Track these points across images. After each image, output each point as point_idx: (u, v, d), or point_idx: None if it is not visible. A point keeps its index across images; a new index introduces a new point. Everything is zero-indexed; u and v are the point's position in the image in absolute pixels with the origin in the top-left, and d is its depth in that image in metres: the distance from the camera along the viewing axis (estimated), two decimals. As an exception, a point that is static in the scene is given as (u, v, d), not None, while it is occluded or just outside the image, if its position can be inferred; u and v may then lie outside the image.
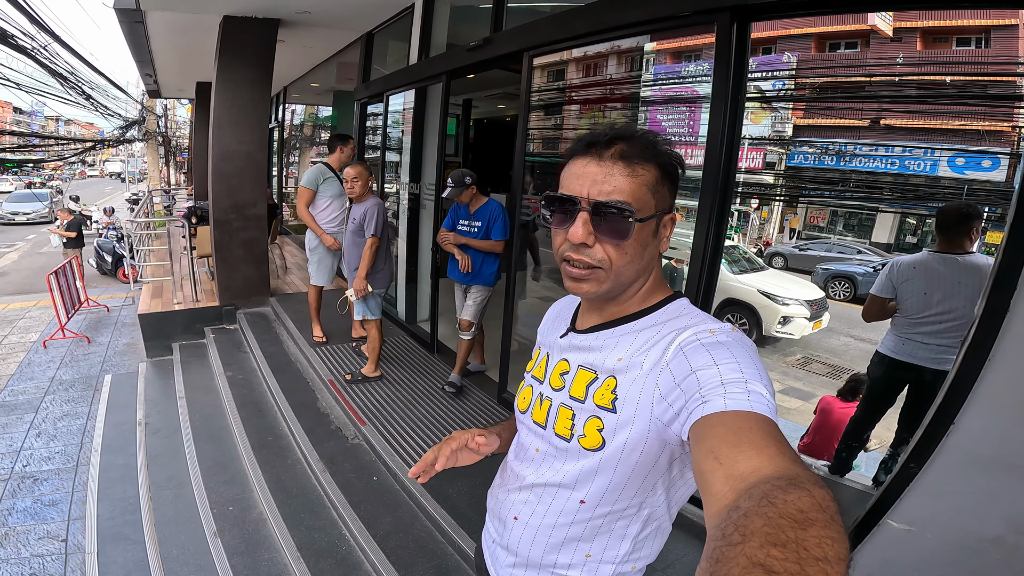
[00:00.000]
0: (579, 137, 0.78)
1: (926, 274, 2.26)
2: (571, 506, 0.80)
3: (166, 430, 3.67)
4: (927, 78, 6.95)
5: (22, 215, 18.79)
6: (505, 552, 0.91)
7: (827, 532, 0.39)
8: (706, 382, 0.63)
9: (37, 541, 2.82)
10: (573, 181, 0.75)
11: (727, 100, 1.86)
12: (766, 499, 0.43)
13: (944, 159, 8.27)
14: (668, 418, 0.68)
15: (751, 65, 1.93)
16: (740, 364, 0.64)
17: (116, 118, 16.73)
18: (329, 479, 2.72)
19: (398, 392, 3.47)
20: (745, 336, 0.72)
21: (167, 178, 22.13)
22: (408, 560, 2.19)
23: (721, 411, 0.59)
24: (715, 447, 0.55)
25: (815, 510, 0.41)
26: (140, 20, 5.24)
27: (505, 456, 0.99)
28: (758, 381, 0.62)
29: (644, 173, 0.73)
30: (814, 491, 0.43)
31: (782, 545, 0.37)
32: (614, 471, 0.75)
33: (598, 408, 0.76)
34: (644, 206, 0.73)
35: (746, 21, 1.86)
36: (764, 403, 0.59)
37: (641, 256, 0.77)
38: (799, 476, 0.46)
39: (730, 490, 0.49)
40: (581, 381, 0.80)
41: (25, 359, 5.43)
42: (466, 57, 3.40)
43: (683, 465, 0.77)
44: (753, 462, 0.51)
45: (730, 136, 1.88)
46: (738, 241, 10.75)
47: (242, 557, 2.40)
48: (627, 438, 0.73)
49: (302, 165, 10.65)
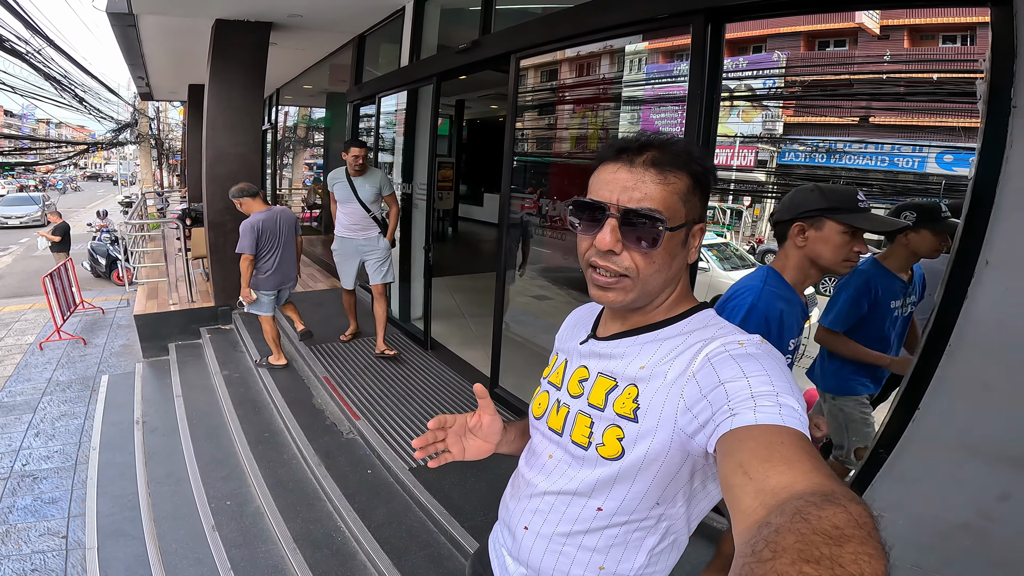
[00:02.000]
0: (610, 142, 0.77)
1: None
2: (587, 514, 0.78)
3: (164, 428, 3.72)
4: (914, 76, 7.04)
5: (15, 219, 18.71)
6: (515, 563, 0.88)
7: (864, 548, 0.37)
8: (735, 394, 0.61)
9: (38, 538, 2.87)
10: (603, 187, 0.73)
11: (703, 98, 1.93)
12: (799, 515, 0.41)
13: (932, 156, 8.37)
14: (693, 429, 0.66)
15: (742, 64, 1.99)
16: (771, 377, 0.62)
17: (109, 121, 16.69)
18: (324, 472, 2.78)
19: (392, 388, 3.53)
20: (774, 348, 0.70)
21: (160, 181, 22.06)
22: (401, 549, 2.25)
23: (751, 424, 0.57)
24: (745, 461, 0.54)
25: (851, 526, 0.39)
26: (132, 24, 5.27)
27: (517, 466, 0.96)
28: (789, 395, 0.60)
29: (676, 181, 0.72)
30: (850, 507, 0.41)
31: (815, 562, 0.36)
32: (633, 480, 0.74)
33: (618, 417, 0.74)
34: (675, 215, 0.71)
35: (720, 22, 1.93)
36: (796, 417, 0.58)
37: (669, 266, 0.75)
38: (834, 492, 0.44)
39: (760, 505, 0.48)
40: (600, 389, 0.78)
41: (22, 361, 5.46)
42: (456, 59, 3.47)
43: (705, 477, 0.75)
44: (785, 477, 0.49)
45: (706, 133, 1.95)
46: (730, 238, 10.84)
47: (240, 549, 2.46)
48: (648, 448, 0.71)
49: (295, 167, 10.67)
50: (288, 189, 10.76)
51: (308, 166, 10.40)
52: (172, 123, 25.39)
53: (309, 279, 6.57)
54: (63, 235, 8.94)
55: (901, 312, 2.02)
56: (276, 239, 3.79)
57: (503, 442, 0.95)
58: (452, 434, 0.90)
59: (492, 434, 0.92)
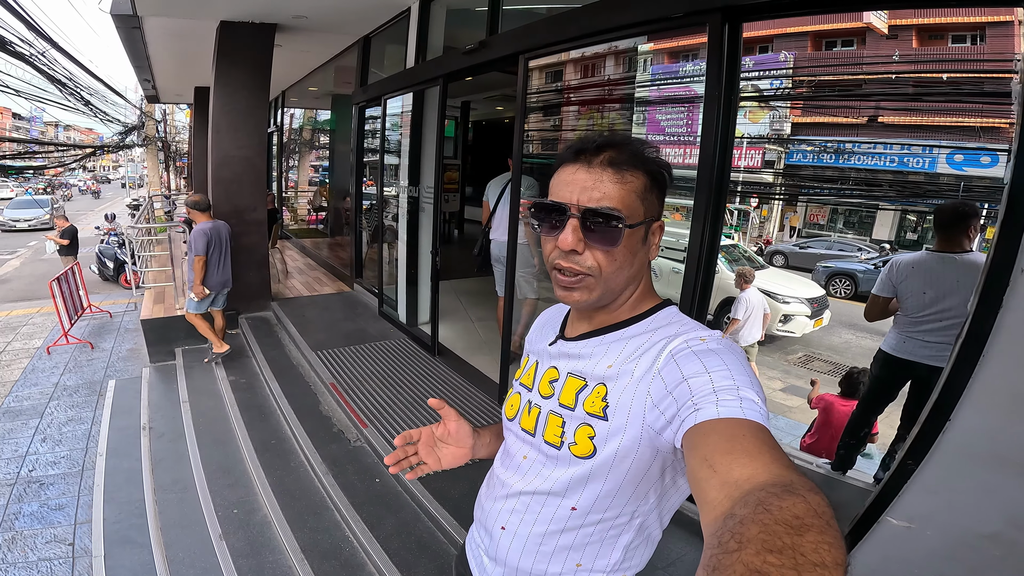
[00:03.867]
0: (567, 145, 0.78)
1: (925, 273, 2.27)
2: (562, 513, 0.79)
3: (170, 434, 3.70)
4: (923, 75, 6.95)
5: (23, 222, 18.81)
6: (492, 563, 0.89)
7: (823, 537, 0.39)
8: (698, 390, 0.63)
9: (44, 545, 2.84)
10: (563, 188, 0.75)
11: (720, 100, 1.88)
12: (761, 506, 0.43)
13: (943, 156, 8.26)
14: (660, 426, 0.68)
15: (748, 64, 1.93)
16: (731, 371, 0.64)
17: (115, 123, 16.77)
18: (332, 481, 2.74)
19: (399, 394, 3.49)
20: (735, 344, 0.72)
21: (167, 183, 22.15)
22: (411, 561, 2.21)
23: (714, 418, 0.59)
24: (709, 455, 0.55)
25: (810, 516, 0.41)
26: (137, 26, 5.27)
27: (491, 464, 0.98)
28: (749, 388, 0.62)
29: (633, 180, 0.74)
30: (809, 497, 0.43)
31: (779, 551, 0.37)
32: (606, 478, 0.75)
33: (589, 416, 0.76)
34: (633, 213, 0.74)
35: (737, 21, 1.87)
36: (756, 410, 0.60)
37: (631, 263, 0.77)
38: (793, 483, 0.46)
39: (725, 497, 0.49)
40: (570, 389, 0.80)
41: (29, 365, 5.46)
42: (463, 60, 3.42)
43: (675, 472, 0.76)
44: (748, 469, 0.51)
45: (723, 135, 1.90)
46: (738, 240, 10.75)
47: (247, 559, 2.42)
48: (619, 446, 0.72)
49: (301, 169, 10.66)
50: (294, 192, 10.76)
51: (314, 168, 10.39)
52: (179, 125, 25.50)
53: (315, 282, 6.55)
54: (71, 238, 8.96)
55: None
56: (220, 247, 4.49)
57: (479, 446, 0.98)
58: (423, 447, 0.94)
59: (463, 439, 0.95)
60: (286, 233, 9.93)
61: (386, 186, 5.21)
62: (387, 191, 5.20)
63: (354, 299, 5.82)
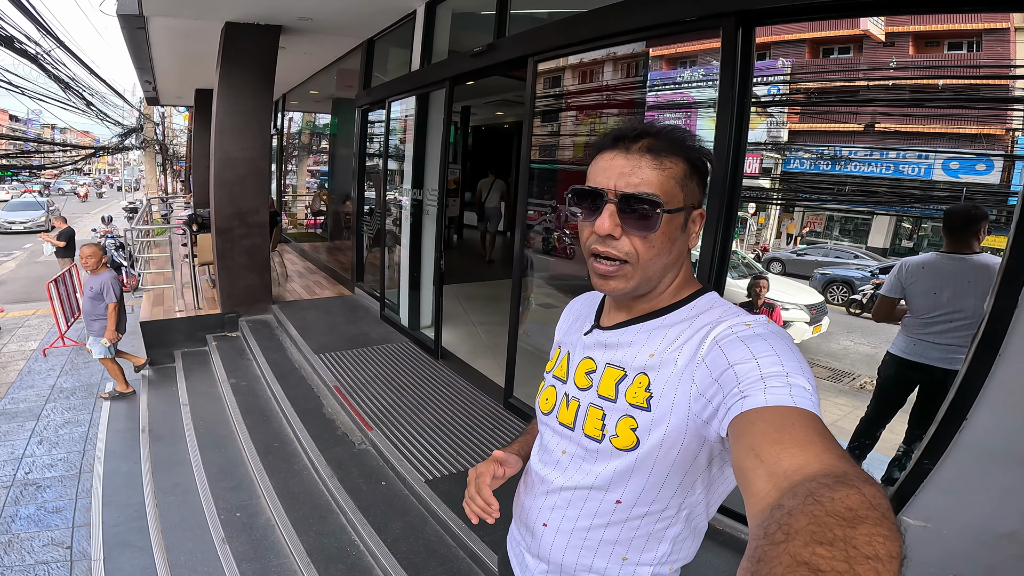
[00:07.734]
0: (606, 132, 0.77)
1: (934, 274, 2.28)
2: (605, 508, 0.78)
3: (170, 437, 3.65)
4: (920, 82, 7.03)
5: (19, 224, 18.66)
6: (536, 560, 0.88)
7: (878, 530, 0.37)
8: (744, 376, 0.61)
9: (41, 548, 2.79)
10: (600, 174, 0.74)
11: (733, 104, 1.89)
12: (812, 497, 0.41)
13: (939, 163, 8.34)
14: (707, 415, 0.66)
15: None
16: (780, 357, 0.61)
17: (115, 125, 16.72)
18: (337, 484, 2.71)
19: (404, 398, 3.47)
20: (782, 328, 0.69)
21: (164, 186, 22.04)
22: (419, 565, 2.18)
23: (762, 406, 0.57)
24: (756, 444, 0.53)
25: (865, 508, 0.39)
26: (142, 26, 5.26)
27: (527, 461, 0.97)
28: (799, 374, 0.59)
29: (672, 166, 0.72)
30: (864, 488, 0.41)
31: (829, 544, 0.36)
32: (651, 470, 0.73)
33: (631, 407, 0.74)
34: (672, 199, 0.72)
35: (751, 26, 1.89)
36: (807, 397, 0.57)
37: (669, 250, 0.75)
38: (847, 473, 0.44)
39: (773, 488, 0.48)
40: (610, 379, 0.78)
41: (25, 367, 5.40)
42: (470, 63, 3.43)
43: (723, 462, 0.74)
44: (797, 459, 0.49)
45: (736, 140, 1.91)
46: (736, 247, 10.77)
47: (251, 563, 2.39)
48: (663, 436, 0.71)
49: (300, 173, 10.65)
50: (292, 195, 10.74)
51: (311, 172, 10.37)
52: (176, 128, 25.42)
53: (316, 286, 6.52)
54: (68, 240, 8.89)
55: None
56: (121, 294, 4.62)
57: (523, 460, 0.99)
58: (487, 489, 0.92)
59: (518, 468, 0.97)
60: (285, 237, 9.89)
61: (388, 189, 5.20)
62: (389, 194, 5.19)
63: (355, 303, 5.79)
